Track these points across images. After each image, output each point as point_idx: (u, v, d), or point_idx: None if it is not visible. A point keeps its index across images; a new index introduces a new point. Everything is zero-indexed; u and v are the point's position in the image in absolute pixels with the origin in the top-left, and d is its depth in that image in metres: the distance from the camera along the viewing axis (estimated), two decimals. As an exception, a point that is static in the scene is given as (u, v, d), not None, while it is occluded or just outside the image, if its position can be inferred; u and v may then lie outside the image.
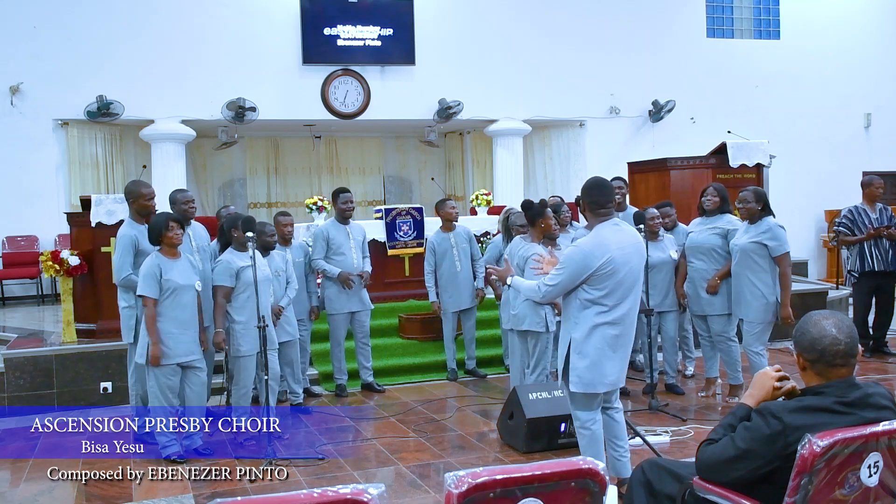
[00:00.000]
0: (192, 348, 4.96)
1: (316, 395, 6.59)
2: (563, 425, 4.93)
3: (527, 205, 5.58)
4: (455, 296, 6.91)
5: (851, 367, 2.48)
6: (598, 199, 3.82)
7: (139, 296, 4.89)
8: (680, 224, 6.52)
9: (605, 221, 3.82)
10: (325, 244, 6.48)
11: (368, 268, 6.64)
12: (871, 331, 7.62)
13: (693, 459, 2.67)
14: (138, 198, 5.35)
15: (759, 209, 5.54)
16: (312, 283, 6.54)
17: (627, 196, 7.16)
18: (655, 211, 6.21)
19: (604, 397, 4.02)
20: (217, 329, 5.18)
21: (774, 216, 5.62)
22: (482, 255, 7.10)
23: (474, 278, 6.98)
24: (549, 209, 5.56)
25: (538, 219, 5.46)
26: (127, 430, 5.65)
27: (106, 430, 5.82)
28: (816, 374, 2.49)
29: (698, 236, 6.03)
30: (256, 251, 5.34)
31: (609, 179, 6.91)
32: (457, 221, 7.04)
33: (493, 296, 7.10)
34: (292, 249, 6.35)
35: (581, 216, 7.11)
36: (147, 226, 5.34)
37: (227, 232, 5.36)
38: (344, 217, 6.57)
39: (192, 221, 5.73)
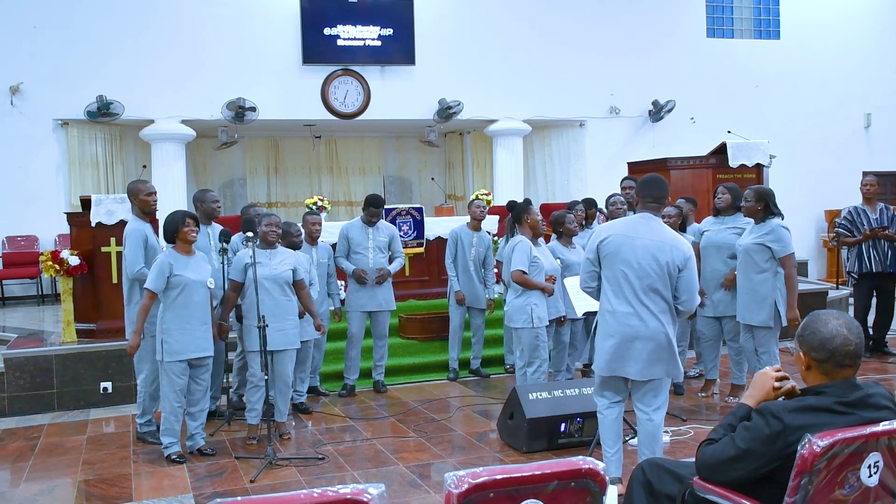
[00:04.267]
0: (204, 345, 4.95)
1: (323, 394, 6.59)
2: (563, 425, 4.93)
3: (510, 205, 5.67)
4: (468, 290, 6.94)
5: (857, 368, 2.48)
6: (649, 192, 3.99)
7: (145, 288, 4.89)
8: (693, 223, 6.48)
9: (641, 213, 3.98)
10: (347, 243, 6.56)
11: (395, 266, 6.63)
12: (870, 331, 7.62)
13: (693, 459, 2.67)
14: (138, 194, 5.38)
15: (759, 209, 5.47)
16: (334, 285, 6.54)
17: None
18: (671, 209, 6.13)
19: (632, 390, 4.04)
20: (220, 321, 5.18)
21: (783, 217, 5.54)
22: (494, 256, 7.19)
23: (485, 285, 7.04)
24: (533, 206, 5.66)
25: (522, 216, 5.56)
26: (127, 430, 5.69)
27: (106, 430, 5.85)
28: (823, 374, 2.48)
29: (716, 235, 5.95)
30: (285, 248, 5.40)
31: (621, 180, 7.06)
32: (482, 220, 7.09)
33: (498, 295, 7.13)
34: (318, 250, 6.36)
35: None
36: (150, 223, 5.39)
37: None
38: (365, 221, 6.56)
39: (212, 222, 5.78)
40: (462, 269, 6.96)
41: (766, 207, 5.47)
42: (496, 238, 8.31)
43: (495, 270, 7.08)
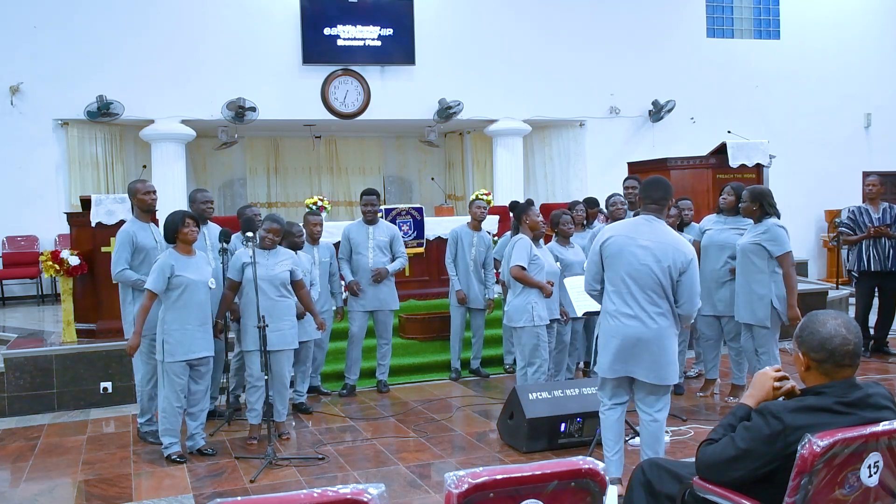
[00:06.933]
0: (204, 345, 4.95)
1: (324, 393, 6.59)
2: (563, 425, 4.93)
3: (512, 205, 5.70)
4: (467, 291, 6.94)
5: (856, 368, 2.48)
6: (649, 194, 3.99)
7: (145, 288, 4.89)
8: (693, 223, 6.49)
9: (643, 215, 3.98)
10: (349, 244, 6.59)
11: (394, 266, 6.62)
12: (871, 331, 7.62)
13: (693, 459, 2.67)
14: (137, 193, 5.39)
15: (755, 209, 5.46)
16: (336, 285, 6.55)
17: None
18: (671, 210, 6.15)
19: (633, 393, 4.05)
20: (216, 319, 5.20)
21: (779, 216, 5.52)
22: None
23: (484, 286, 7.04)
24: (534, 207, 5.68)
25: (523, 216, 5.59)
26: (127, 430, 5.69)
27: (106, 430, 5.85)
28: (822, 375, 2.48)
29: (719, 235, 5.94)
30: (284, 249, 5.42)
31: (623, 180, 7.04)
32: (483, 221, 7.08)
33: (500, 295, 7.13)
34: (319, 249, 6.37)
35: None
36: (150, 223, 5.39)
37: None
38: (365, 218, 6.65)
39: (208, 221, 5.79)
40: (462, 270, 6.97)
41: (761, 207, 5.45)
42: (496, 238, 8.32)
43: (495, 270, 7.09)
